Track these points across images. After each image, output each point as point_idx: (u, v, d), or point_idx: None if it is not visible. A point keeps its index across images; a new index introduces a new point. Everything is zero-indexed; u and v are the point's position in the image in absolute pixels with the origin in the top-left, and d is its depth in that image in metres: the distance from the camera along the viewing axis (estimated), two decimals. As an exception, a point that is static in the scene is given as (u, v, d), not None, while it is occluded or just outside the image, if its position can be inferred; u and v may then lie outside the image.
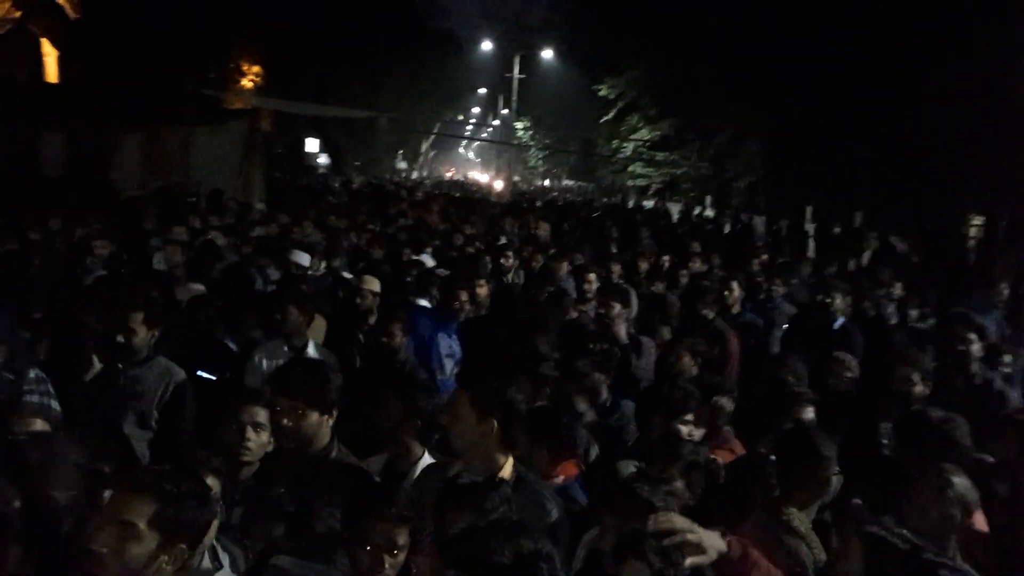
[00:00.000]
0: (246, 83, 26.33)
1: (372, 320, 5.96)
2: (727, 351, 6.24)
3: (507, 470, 3.18)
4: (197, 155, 16.25)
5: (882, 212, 17.48)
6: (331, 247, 9.01)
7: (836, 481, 3.55)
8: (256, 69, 26.75)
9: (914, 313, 8.57)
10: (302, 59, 26.31)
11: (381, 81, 32.79)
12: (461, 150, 77.28)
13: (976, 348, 5.21)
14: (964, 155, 15.70)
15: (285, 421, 3.34)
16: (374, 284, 6.41)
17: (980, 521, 3.48)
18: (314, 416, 3.37)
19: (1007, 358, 6.29)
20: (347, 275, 7.91)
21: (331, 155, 34.38)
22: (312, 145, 32.67)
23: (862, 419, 4.51)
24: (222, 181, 15.26)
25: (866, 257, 14.02)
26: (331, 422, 3.43)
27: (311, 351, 5.08)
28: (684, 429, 4.03)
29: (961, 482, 3.25)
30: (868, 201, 18.33)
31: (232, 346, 5.45)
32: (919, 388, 4.79)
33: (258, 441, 3.40)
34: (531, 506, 3.00)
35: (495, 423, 3.16)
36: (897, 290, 9.17)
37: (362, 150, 37.61)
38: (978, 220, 17.28)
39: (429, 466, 3.57)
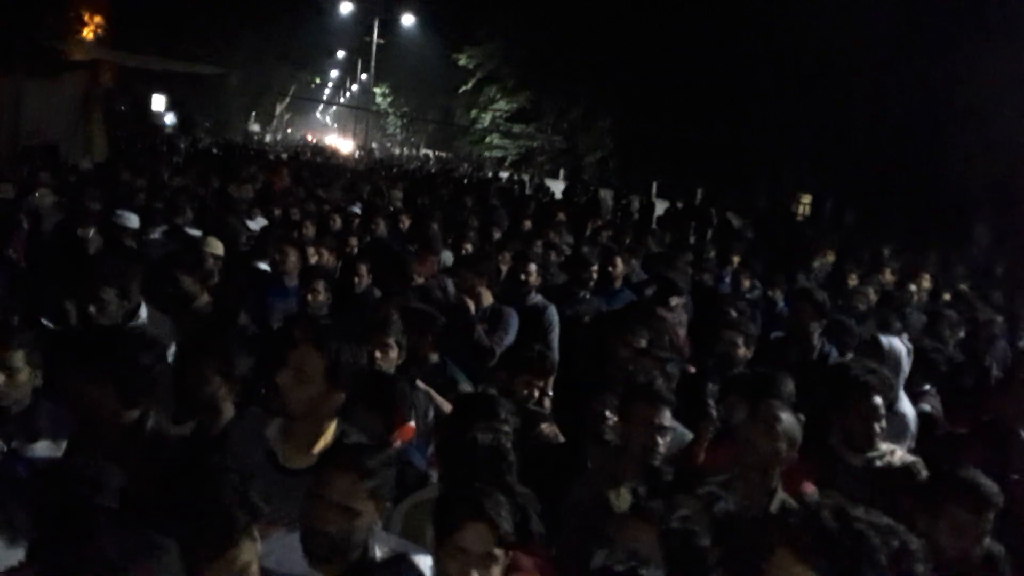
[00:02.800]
0: (87, 33, 24.76)
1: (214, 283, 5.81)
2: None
3: (330, 434, 3.15)
4: (29, 109, 15.14)
5: (720, 190, 18.42)
6: (173, 207, 8.69)
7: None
8: (98, 19, 25.20)
9: (747, 283, 9.13)
10: (149, 10, 24.96)
11: (234, 39, 31.54)
12: (318, 115, 75.31)
13: (815, 325, 5.57)
14: (792, 139, 16.75)
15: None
16: (217, 247, 6.24)
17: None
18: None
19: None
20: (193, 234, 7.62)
21: (179, 114, 32.86)
22: (158, 103, 31.12)
23: (690, 381, 4.79)
24: (58, 138, 14.31)
25: (708, 232, 14.75)
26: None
27: (143, 316, 4.85)
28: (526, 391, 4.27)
29: (787, 418, 3.55)
30: (709, 179, 19.26)
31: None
32: (742, 352, 5.15)
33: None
34: None
35: (341, 392, 3.12)
36: (733, 263, 9.72)
37: (212, 110, 36.13)
38: (806, 199, 18.49)
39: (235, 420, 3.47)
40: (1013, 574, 3.35)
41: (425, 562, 2.69)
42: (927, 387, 5.65)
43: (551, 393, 4.61)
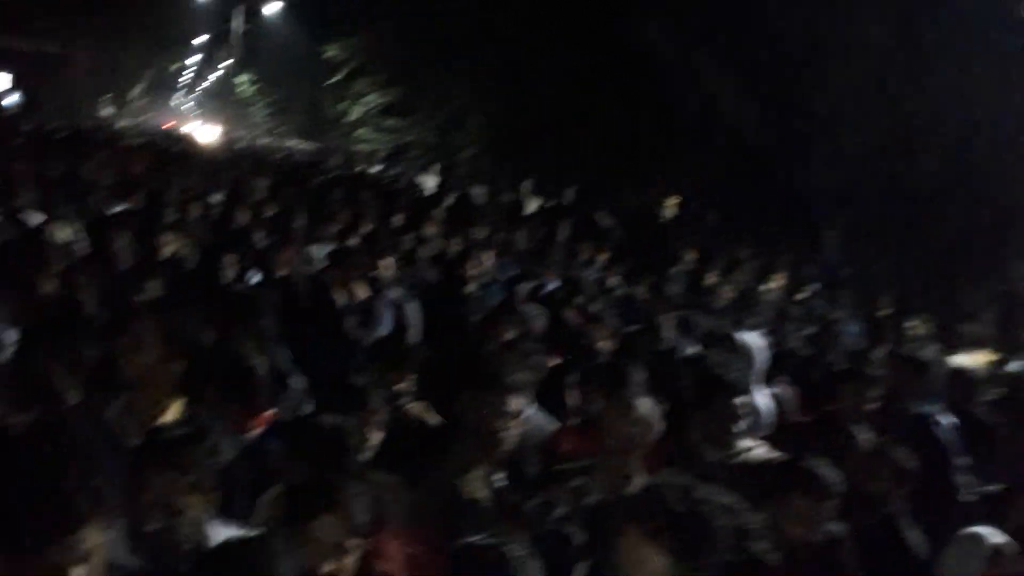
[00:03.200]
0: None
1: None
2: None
3: (173, 411, 3.04)
4: None
5: (591, 190, 18.81)
6: (11, 192, 8.12)
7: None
8: (-73, -13, 23.28)
9: (614, 280, 9.32)
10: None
11: (84, 17, 29.81)
12: (177, 101, 72.27)
13: (667, 319, 5.77)
14: (660, 142, 17.28)
15: None
16: (63, 232, 5.91)
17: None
18: None
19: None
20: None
21: (23, 95, 30.82)
22: (2, 81, 29.16)
23: (553, 373, 4.84)
24: None
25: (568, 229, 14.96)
26: None
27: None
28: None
29: (642, 404, 3.62)
30: (579, 179, 19.64)
31: None
32: (603, 344, 5.27)
33: None
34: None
35: (181, 360, 3.02)
36: (600, 260, 9.93)
37: (61, 92, 34.03)
38: (673, 200, 19.09)
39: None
40: (856, 555, 3.52)
41: None
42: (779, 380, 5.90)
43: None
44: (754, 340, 5.52)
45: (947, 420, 5.19)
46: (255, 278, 6.48)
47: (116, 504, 2.34)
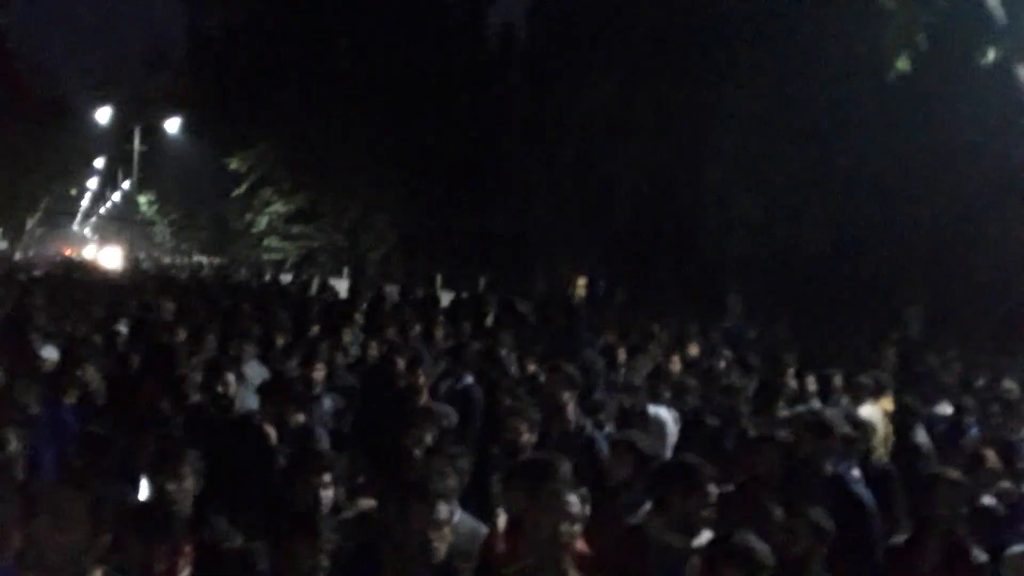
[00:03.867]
0: None
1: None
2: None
3: None
4: None
5: (502, 277, 19.10)
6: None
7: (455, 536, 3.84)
8: None
9: (532, 367, 9.41)
10: None
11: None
12: (76, 227, 70.64)
13: (567, 396, 5.86)
14: (564, 226, 17.76)
15: None
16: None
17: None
18: None
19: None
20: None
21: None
22: None
23: (477, 471, 4.88)
24: None
25: (490, 319, 15.12)
26: None
27: None
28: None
29: (571, 498, 3.67)
30: (489, 268, 19.94)
31: None
32: (526, 437, 5.32)
33: None
34: None
35: (106, 534, 2.93)
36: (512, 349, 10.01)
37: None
38: (582, 281, 19.53)
39: None
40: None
41: None
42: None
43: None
44: (665, 413, 5.69)
45: (856, 475, 5.39)
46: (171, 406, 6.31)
47: None
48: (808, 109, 13.81)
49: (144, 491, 3.66)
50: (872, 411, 8.09)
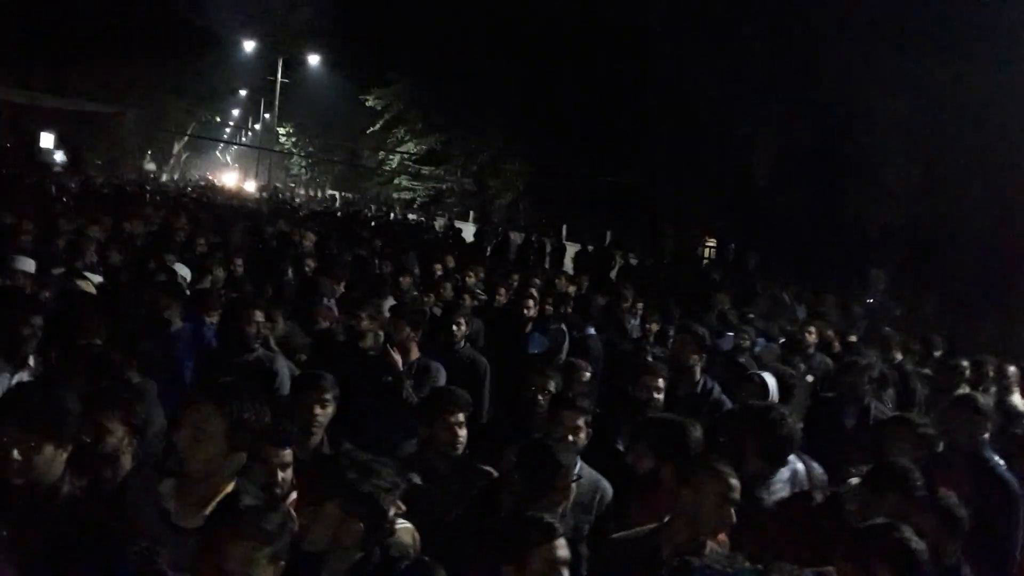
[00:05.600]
0: (-32, 66, 23.63)
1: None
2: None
3: (226, 493, 3.00)
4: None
5: (628, 233, 18.76)
6: (70, 251, 8.27)
7: (575, 488, 3.72)
8: (-19, 51, 24.12)
9: (654, 327, 9.19)
10: (38, 44, 24.02)
11: (129, 74, 30.63)
12: (218, 154, 73.79)
13: (695, 357, 5.66)
14: (698, 184, 17.21)
15: (15, 454, 2.89)
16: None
17: None
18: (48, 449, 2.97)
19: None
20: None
21: (69, 152, 31.61)
22: (47, 140, 29.88)
23: (601, 425, 4.74)
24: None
25: (614, 273, 14.91)
26: (65, 456, 3.03)
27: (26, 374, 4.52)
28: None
29: (736, 483, 3.50)
30: (617, 223, 19.61)
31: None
32: (657, 396, 5.15)
33: None
34: None
35: (242, 453, 2.98)
36: (640, 306, 9.80)
37: (105, 148, 34.92)
38: (710, 242, 18.98)
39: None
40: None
41: None
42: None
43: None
44: (771, 379, 5.46)
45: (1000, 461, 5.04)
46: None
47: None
48: (974, 82, 12.87)
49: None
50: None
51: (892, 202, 13.89)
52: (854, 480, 4.29)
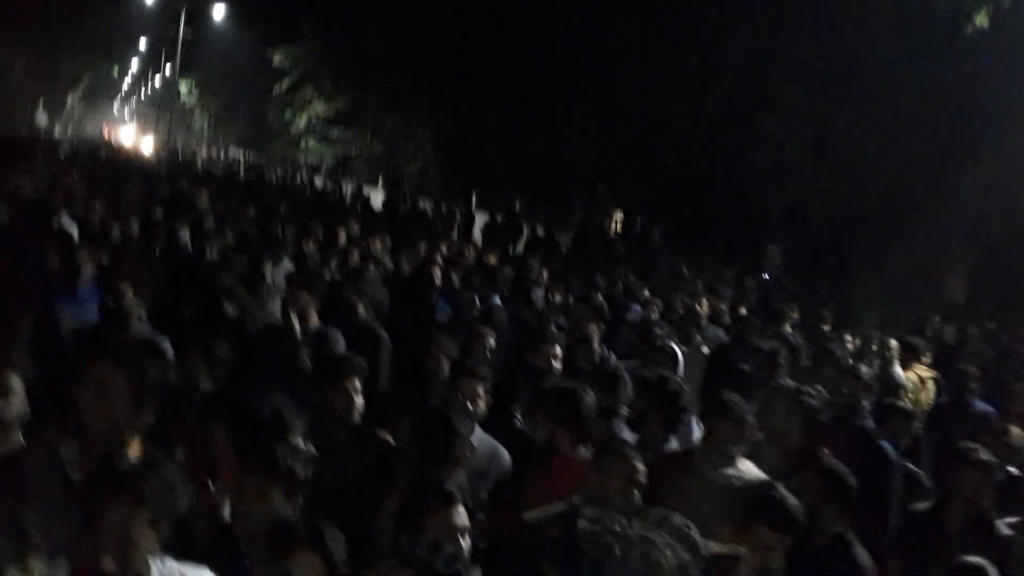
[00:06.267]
0: None
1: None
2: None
3: (133, 454, 2.93)
4: None
5: (538, 204, 18.85)
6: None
7: (473, 455, 3.76)
8: None
9: (558, 298, 9.29)
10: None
11: (17, 18, 28.91)
12: (115, 109, 70.67)
13: (594, 327, 5.78)
14: (606, 156, 17.37)
15: None
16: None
17: None
18: None
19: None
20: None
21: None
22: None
23: (499, 394, 4.79)
24: None
25: (521, 244, 15.00)
26: None
27: None
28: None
29: (642, 467, 3.56)
30: (527, 193, 19.68)
31: None
32: (557, 366, 5.23)
33: None
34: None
35: (148, 410, 2.92)
36: (543, 275, 9.90)
37: (-5, 97, 33.04)
38: (618, 215, 19.26)
39: None
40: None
41: None
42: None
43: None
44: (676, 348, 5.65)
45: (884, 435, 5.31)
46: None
47: (64, 538, 2.27)
48: (879, 64, 13.28)
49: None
50: (907, 376, 7.98)
51: (792, 181, 14.32)
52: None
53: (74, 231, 7.69)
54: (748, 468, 4.12)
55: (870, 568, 3.92)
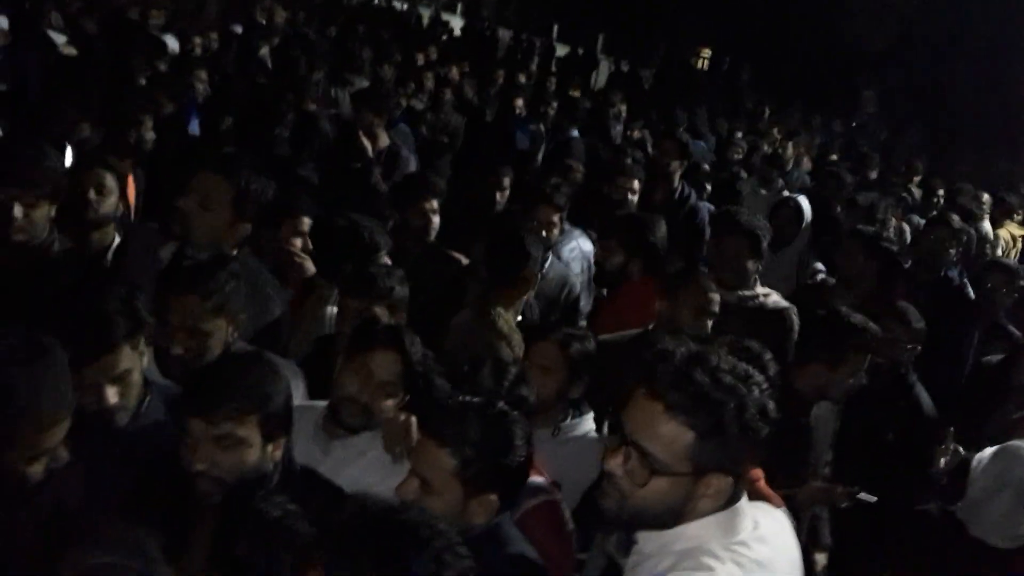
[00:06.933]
0: None
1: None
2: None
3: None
4: None
5: (621, 38, 18.12)
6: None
7: (544, 282, 3.80)
8: None
9: (638, 133, 9.09)
10: None
11: None
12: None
13: (676, 164, 5.66)
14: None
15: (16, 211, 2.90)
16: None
17: None
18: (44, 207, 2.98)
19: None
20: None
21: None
22: None
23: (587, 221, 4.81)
24: None
25: (602, 79, 14.57)
26: (51, 213, 3.03)
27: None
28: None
29: (716, 296, 3.56)
30: (610, 27, 18.89)
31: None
32: (632, 199, 5.19)
33: None
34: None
35: (247, 223, 3.05)
36: (623, 110, 9.65)
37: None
38: (706, 53, 18.44)
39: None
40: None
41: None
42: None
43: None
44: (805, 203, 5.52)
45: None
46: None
47: (151, 326, 2.40)
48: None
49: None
50: (999, 233, 7.73)
51: (890, 25, 13.40)
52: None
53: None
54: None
55: (931, 412, 3.93)
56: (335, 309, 3.38)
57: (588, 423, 3.06)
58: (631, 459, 1.70)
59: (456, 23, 18.83)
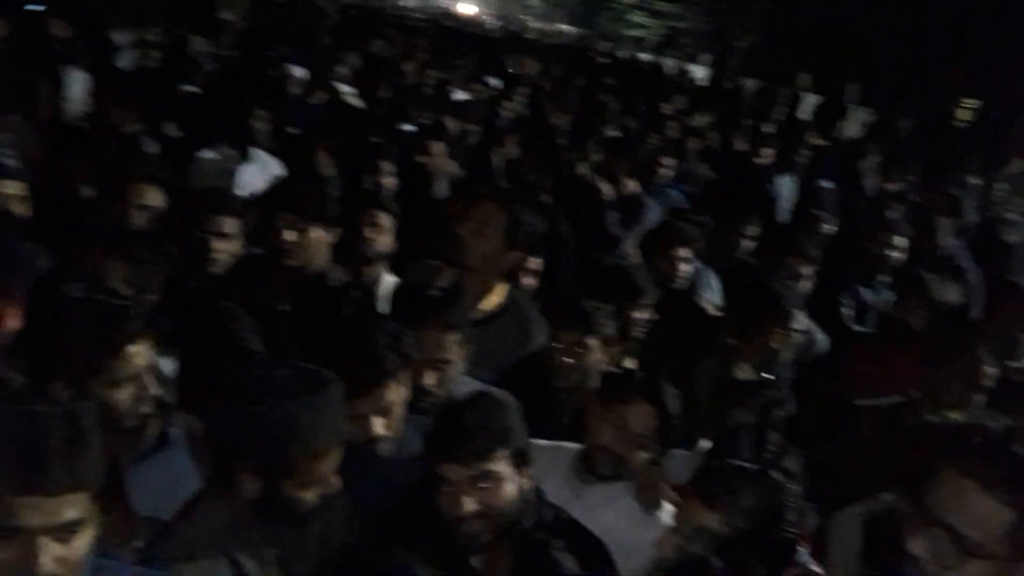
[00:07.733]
0: None
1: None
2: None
3: (499, 293, 3.28)
4: None
5: (878, 87, 17.24)
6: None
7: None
8: None
9: (893, 187, 8.60)
10: None
11: None
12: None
13: (945, 222, 5.33)
14: (960, 36, 15.33)
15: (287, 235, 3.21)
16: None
17: None
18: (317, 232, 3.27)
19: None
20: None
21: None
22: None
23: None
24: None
25: (853, 128, 13.93)
26: (330, 241, 3.36)
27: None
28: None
29: (991, 371, 3.36)
30: (861, 75, 18.04)
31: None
32: (896, 254, 4.91)
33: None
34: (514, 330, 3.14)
35: (518, 252, 3.29)
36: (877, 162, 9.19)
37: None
38: (971, 102, 17.12)
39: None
40: None
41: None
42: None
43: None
44: None
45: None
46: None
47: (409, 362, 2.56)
48: None
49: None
50: None
51: None
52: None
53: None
54: None
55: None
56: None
57: None
58: (939, 540, 1.64)
59: (700, 73, 18.81)
